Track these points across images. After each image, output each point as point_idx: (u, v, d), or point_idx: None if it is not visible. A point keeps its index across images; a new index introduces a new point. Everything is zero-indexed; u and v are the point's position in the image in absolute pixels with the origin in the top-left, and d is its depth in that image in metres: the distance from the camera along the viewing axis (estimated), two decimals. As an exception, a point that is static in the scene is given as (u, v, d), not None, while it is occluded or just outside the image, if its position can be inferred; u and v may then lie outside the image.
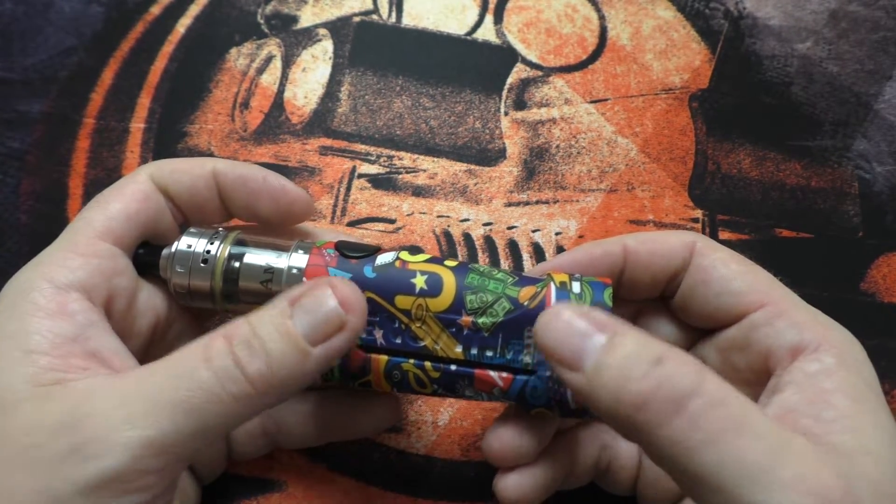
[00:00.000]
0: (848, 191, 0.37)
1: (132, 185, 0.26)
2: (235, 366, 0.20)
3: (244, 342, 0.21)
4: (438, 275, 0.24)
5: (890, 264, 0.35)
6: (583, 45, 0.39)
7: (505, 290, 0.24)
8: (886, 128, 0.38)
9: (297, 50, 0.38)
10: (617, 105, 0.38)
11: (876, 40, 0.40)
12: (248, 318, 0.21)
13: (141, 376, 0.21)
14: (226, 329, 0.21)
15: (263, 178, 0.27)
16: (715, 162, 0.37)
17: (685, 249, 0.26)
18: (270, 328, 0.21)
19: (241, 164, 0.28)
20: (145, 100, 0.37)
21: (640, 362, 0.19)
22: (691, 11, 0.40)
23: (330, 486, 0.30)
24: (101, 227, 0.25)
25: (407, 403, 0.32)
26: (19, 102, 0.36)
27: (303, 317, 0.21)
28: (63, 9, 0.38)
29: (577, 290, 0.24)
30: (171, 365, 0.21)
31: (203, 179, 0.27)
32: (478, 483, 0.31)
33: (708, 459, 0.18)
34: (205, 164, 0.27)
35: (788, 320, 0.24)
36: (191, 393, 0.20)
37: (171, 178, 0.27)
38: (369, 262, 0.25)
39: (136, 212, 0.26)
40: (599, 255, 0.27)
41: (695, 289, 0.26)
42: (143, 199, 0.26)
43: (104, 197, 0.26)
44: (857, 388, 0.22)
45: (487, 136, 0.37)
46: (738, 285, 0.25)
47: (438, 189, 0.36)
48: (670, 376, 0.19)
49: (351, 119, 0.37)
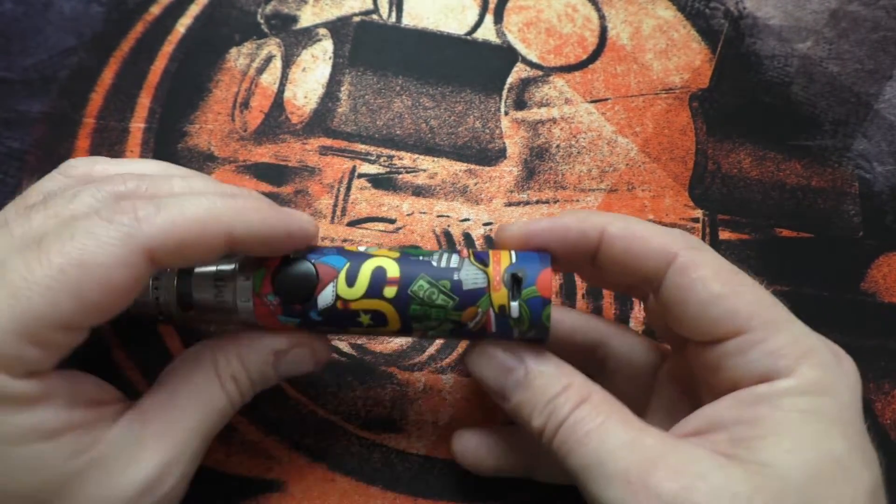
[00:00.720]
0: (848, 191, 0.37)
1: (122, 270, 0.21)
2: (241, 400, 0.26)
3: (246, 385, 0.26)
4: (381, 311, 0.25)
5: (890, 264, 0.35)
6: (583, 45, 0.39)
7: (447, 316, 0.25)
8: (887, 127, 0.38)
9: (297, 50, 0.38)
10: (617, 105, 0.38)
11: (876, 40, 0.40)
12: (242, 362, 0.26)
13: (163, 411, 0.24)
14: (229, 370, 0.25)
15: (288, 236, 0.24)
16: (715, 162, 0.37)
17: (663, 260, 0.24)
18: (258, 375, 0.26)
19: (260, 223, 0.24)
20: (145, 100, 0.37)
21: (540, 402, 0.24)
22: (691, 11, 0.40)
23: (330, 486, 0.30)
24: (66, 319, 0.21)
25: (407, 403, 0.32)
26: (19, 102, 0.36)
27: (283, 368, 0.27)
28: (63, 9, 0.38)
29: (516, 313, 0.24)
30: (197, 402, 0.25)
31: (214, 253, 0.23)
32: (478, 483, 0.31)
33: (571, 464, 0.23)
34: (217, 233, 0.23)
35: (763, 350, 0.23)
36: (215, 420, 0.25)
37: (177, 256, 0.22)
38: (313, 308, 0.25)
39: (114, 306, 0.22)
40: (574, 237, 0.25)
41: (671, 306, 0.24)
42: (130, 289, 0.22)
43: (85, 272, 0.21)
44: (800, 410, 0.22)
45: (487, 136, 0.37)
46: (714, 312, 0.23)
47: (438, 189, 0.36)
48: (554, 410, 0.24)
49: (351, 119, 0.37)
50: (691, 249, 0.24)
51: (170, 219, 0.22)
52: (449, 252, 0.25)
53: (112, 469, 0.22)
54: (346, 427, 0.32)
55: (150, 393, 0.25)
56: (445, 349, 0.33)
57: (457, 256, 0.25)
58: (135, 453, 0.23)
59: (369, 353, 0.33)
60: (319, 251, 0.25)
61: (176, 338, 0.32)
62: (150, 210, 0.22)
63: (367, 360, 0.33)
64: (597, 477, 0.22)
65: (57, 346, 0.22)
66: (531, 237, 0.26)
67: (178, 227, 0.22)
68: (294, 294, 0.25)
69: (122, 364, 0.32)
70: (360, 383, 0.32)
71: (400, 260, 0.25)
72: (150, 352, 0.32)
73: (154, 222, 0.22)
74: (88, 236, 0.21)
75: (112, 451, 0.23)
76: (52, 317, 0.21)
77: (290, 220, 0.24)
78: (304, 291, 0.25)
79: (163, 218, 0.22)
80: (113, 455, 0.23)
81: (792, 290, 0.35)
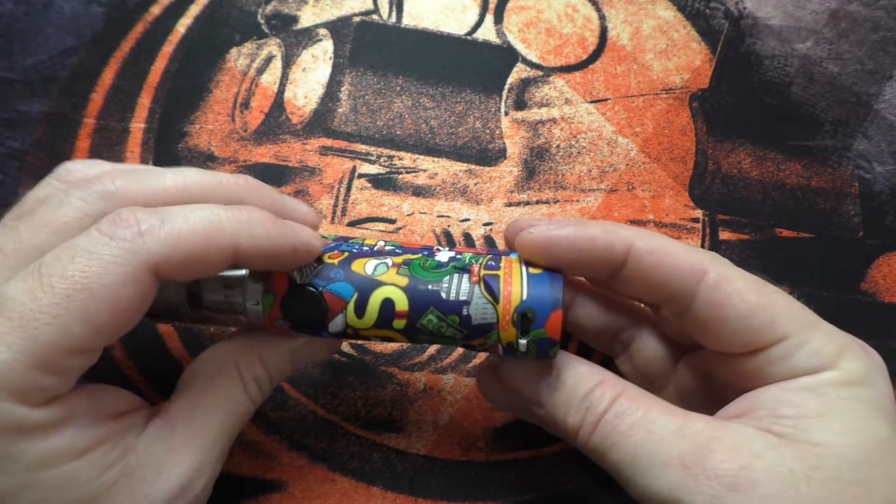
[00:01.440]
0: (848, 191, 0.37)
1: (128, 288, 0.21)
2: (262, 398, 0.27)
3: (267, 384, 0.27)
4: (390, 337, 0.25)
5: (890, 264, 0.35)
6: (583, 45, 0.39)
7: (455, 342, 0.25)
8: (886, 128, 0.38)
9: (297, 50, 0.38)
10: (617, 105, 0.38)
11: (876, 40, 0.40)
12: (263, 363, 0.26)
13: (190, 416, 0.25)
14: (252, 371, 0.26)
15: (293, 251, 0.24)
16: (715, 162, 0.37)
17: (693, 276, 0.24)
18: (277, 372, 0.27)
19: (265, 238, 0.23)
20: (145, 100, 0.37)
21: (574, 399, 0.24)
22: (691, 11, 0.40)
23: (330, 486, 0.31)
24: (79, 345, 0.21)
25: (407, 403, 0.32)
26: (19, 102, 0.36)
27: (299, 359, 0.27)
28: (63, 9, 0.38)
29: (524, 349, 0.24)
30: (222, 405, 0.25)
31: (220, 267, 0.23)
32: (478, 483, 0.31)
33: (615, 459, 0.23)
34: (224, 247, 0.22)
35: (806, 352, 0.23)
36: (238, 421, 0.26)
37: (182, 270, 0.22)
38: (324, 330, 0.25)
39: (121, 323, 0.21)
40: (600, 249, 0.25)
41: (708, 323, 0.24)
42: (138, 308, 0.21)
43: (91, 295, 0.20)
44: (840, 396, 0.22)
45: (487, 136, 0.37)
46: (756, 323, 0.24)
47: (439, 189, 0.36)
48: (591, 406, 0.24)
49: (351, 119, 0.37)
50: (719, 265, 0.24)
51: (174, 232, 0.21)
52: (459, 274, 0.24)
53: (145, 478, 0.23)
54: (346, 427, 0.32)
55: (174, 398, 0.25)
56: (446, 349, 0.33)
57: (467, 282, 0.24)
58: (166, 460, 0.23)
59: (369, 353, 0.33)
60: (326, 275, 0.25)
61: (176, 338, 0.32)
62: (153, 222, 0.21)
63: (367, 360, 0.33)
64: (649, 466, 0.22)
65: (71, 370, 0.21)
66: (553, 245, 0.25)
67: (182, 241, 0.21)
68: (304, 322, 0.25)
69: (122, 364, 0.32)
70: (360, 383, 0.32)
71: (408, 289, 0.24)
72: (150, 352, 0.32)
73: (158, 236, 0.21)
74: (90, 257, 0.20)
75: (143, 461, 0.23)
76: (63, 344, 0.20)
77: (294, 236, 0.24)
78: (314, 320, 0.25)
79: (167, 231, 0.21)
80: (144, 464, 0.23)
81: (792, 290, 0.35)
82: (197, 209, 0.22)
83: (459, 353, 0.33)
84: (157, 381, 0.32)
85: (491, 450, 0.31)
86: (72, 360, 0.21)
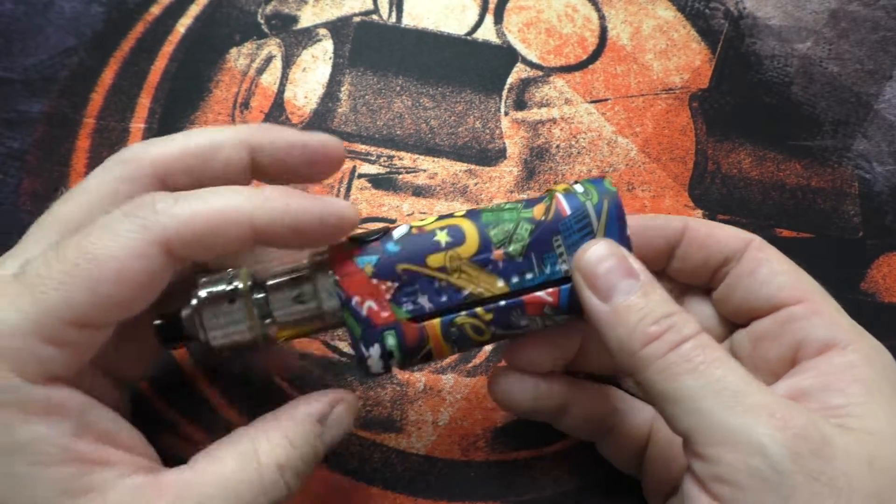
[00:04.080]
0: (848, 191, 0.37)
1: (137, 262, 0.21)
2: (286, 489, 0.23)
3: (293, 471, 0.23)
4: (457, 225, 0.25)
5: (890, 264, 0.35)
6: (583, 45, 0.39)
7: (520, 215, 0.25)
8: (886, 128, 0.38)
9: (297, 50, 0.38)
10: (617, 105, 0.38)
11: (876, 40, 0.40)
12: (290, 442, 0.23)
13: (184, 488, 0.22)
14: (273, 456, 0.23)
15: (320, 222, 0.23)
16: (715, 162, 0.37)
17: (742, 243, 0.27)
18: (310, 451, 0.24)
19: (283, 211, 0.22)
20: (145, 100, 0.37)
21: (657, 312, 0.23)
22: (691, 11, 0.40)
23: (330, 486, 0.31)
24: (81, 315, 0.20)
25: (407, 403, 0.32)
26: (19, 102, 0.36)
27: (328, 435, 0.25)
28: (63, 9, 0.38)
29: (581, 189, 0.25)
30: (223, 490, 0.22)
31: (239, 242, 0.22)
32: (478, 483, 0.31)
33: (689, 384, 0.22)
34: (239, 222, 0.22)
35: (824, 319, 0.25)
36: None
37: (197, 247, 0.22)
38: (388, 240, 0.25)
39: (130, 301, 0.21)
40: (659, 224, 0.28)
41: (740, 279, 0.27)
42: (146, 284, 0.21)
43: (98, 265, 0.20)
44: (876, 382, 0.23)
45: (487, 136, 0.37)
46: (782, 280, 0.26)
47: (439, 189, 0.36)
48: (675, 325, 0.23)
49: (351, 119, 0.37)
50: (763, 241, 0.27)
51: (188, 209, 0.21)
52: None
53: None
54: (347, 427, 0.32)
55: (177, 468, 0.22)
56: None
57: None
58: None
59: (369, 353, 0.33)
60: None
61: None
62: (168, 202, 0.21)
63: (367, 360, 0.33)
64: (732, 403, 0.21)
65: (74, 345, 0.21)
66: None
67: (196, 217, 0.21)
68: (368, 235, 0.25)
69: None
70: (360, 383, 0.32)
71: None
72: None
73: (171, 213, 0.21)
74: (104, 231, 0.21)
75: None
76: (67, 312, 0.20)
77: (321, 207, 0.23)
78: (378, 231, 0.25)
79: (180, 208, 0.21)
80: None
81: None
82: (213, 191, 0.22)
83: (459, 353, 0.33)
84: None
85: (491, 450, 0.31)
86: (74, 333, 0.21)
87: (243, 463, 0.22)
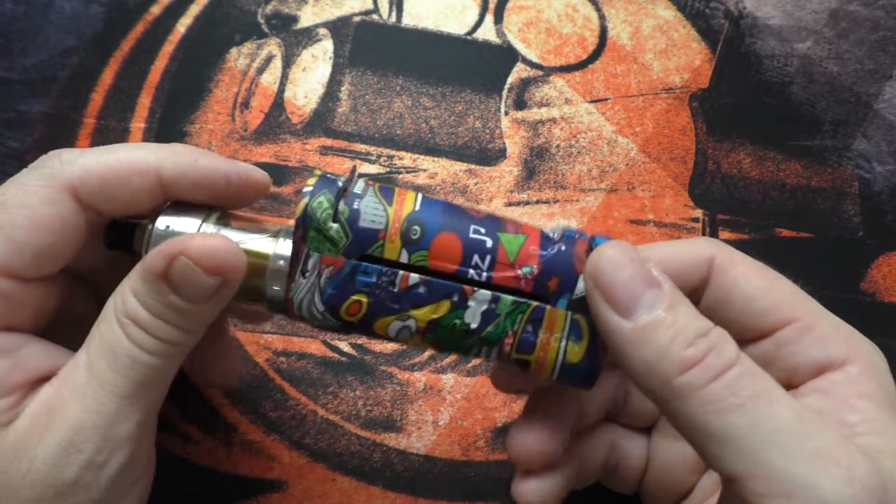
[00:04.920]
0: (848, 190, 0.37)
1: (47, 208, 0.22)
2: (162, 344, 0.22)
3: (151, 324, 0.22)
4: None
5: (890, 264, 0.35)
6: (583, 45, 0.39)
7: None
8: (886, 127, 0.38)
9: (297, 50, 0.38)
10: (617, 105, 0.38)
11: (876, 40, 0.40)
12: (136, 296, 0.22)
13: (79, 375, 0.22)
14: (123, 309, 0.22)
15: (227, 181, 0.24)
16: (715, 161, 0.37)
17: (702, 266, 0.24)
18: (160, 308, 0.22)
19: (191, 166, 0.23)
20: (145, 100, 0.37)
21: (691, 330, 0.20)
22: (691, 11, 0.40)
23: (330, 486, 0.31)
24: (1, 263, 0.21)
25: (407, 403, 0.32)
26: (20, 102, 0.36)
27: (182, 291, 0.22)
28: (63, 9, 0.38)
29: None
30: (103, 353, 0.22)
31: (146, 193, 0.23)
32: (478, 483, 0.31)
33: (738, 422, 0.19)
34: (146, 171, 0.23)
35: (814, 337, 0.23)
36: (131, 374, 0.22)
37: (103, 194, 0.22)
38: None
39: (48, 247, 0.22)
40: None
41: (716, 307, 0.24)
42: (59, 229, 0.22)
43: (8, 214, 0.21)
44: (880, 395, 0.22)
45: (487, 136, 0.37)
46: (762, 305, 0.24)
47: (439, 189, 0.36)
48: (716, 346, 0.20)
49: (351, 119, 0.37)
50: (720, 248, 0.24)
51: (94, 158, 0.23)
52: (489, 347, 0.23)
53: (28, 440, 0.21)
54: (346, 427, 0.32)
55: (77, 353, 0.22)
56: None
57: (496, 356, 0.23)
58: (48, 421, 0.21)
59: (369, 352, 0.33)
60: None
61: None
62: (74, 154, 0.23)
63: (367, 359, 0.33)
64: (790, 450, 0.19)
65: (2, 296, 0.21)
66: None
67: (101, 165, 0.22)
68: None
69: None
70: (360, 383, 0.32)
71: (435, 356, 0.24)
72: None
73: (77, 162, 0.22)
74: (12, 183, 0.22)
75: (28, 422, 0.21)
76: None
77: (230, 168, 0.24)
78: None
79: (87, 158, 0.23)
80: (29, 426, 0.21)
81: (792, 289, 0.35)
82: (126, 144, 0.24)
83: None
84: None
85: (491, 450, 0.31)
86: None
87: (110, 321, 0.22)
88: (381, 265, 0.22)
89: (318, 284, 0.22)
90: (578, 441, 0.27)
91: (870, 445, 0.20)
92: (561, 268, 0.23)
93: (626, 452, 0.28)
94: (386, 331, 0.23)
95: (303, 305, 0.23)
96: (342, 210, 0.22)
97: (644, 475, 0.28)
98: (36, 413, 0.21)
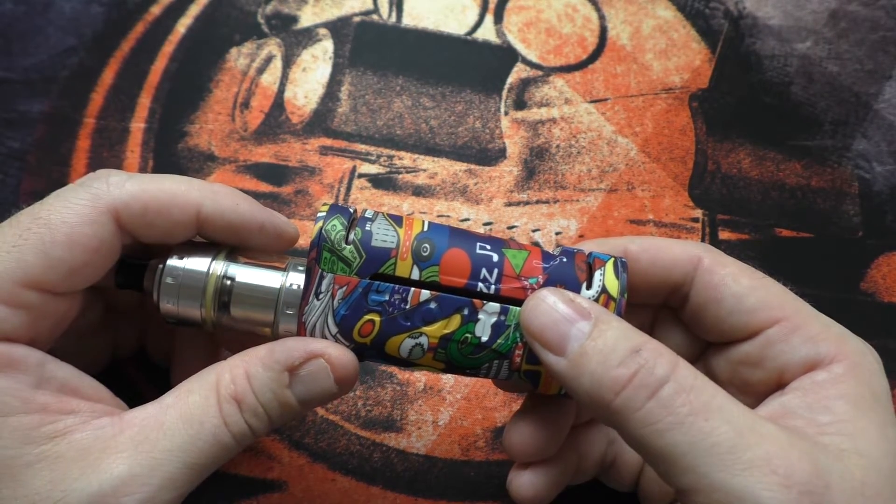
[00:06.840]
0: (848, 191, 0.37)
1: (88, 227, 0.22)
2: (250, 431, 0.22)
3: (252, 410, 0.22)
4: None
5: (890, 264, 0.35)
6: (583, 45, 0.39)
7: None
8: (886, 127, 0.38)
9: (297, 50, 0.38)
10: (617, 105, 0.38)
11: (876, 40, 0.40)
12: (249, 380, 0.22)
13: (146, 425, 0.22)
14: (231, 389, 0.22)
15: (260, 229, 0.24)
16: (715, 162, 0.37)
17: (689, 264, 0.25)
18: (271, 397, 0.23)
19: (231, 209, 0.24)
20: (145, 100, 0.37)
21: (619, 351, 0.21)
22: (691, 11, 0.40)
23: (330, 486, 0.31)
24: (34, 277, 0.21)
25: (407, 403, 0.32)
26: (20, 102, 0.36)
27: (300, 388, 0.23)
28: (63, 9, 0.38)
29: None
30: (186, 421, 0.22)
31: (182, 226, 0.23)
32: (478, 483, 0.31)
33: (678, 440, 0.20)
34: (186, 205, 0.23)
35: (803, 336, 0.23)
36: (206, 449, 0.22)
37: (143, 221, 0.23)
38: None
39: (82, 265, 0.22)
40: (605, 250, 0.26)
41: (705, 306, 0.25)
42: (96, 249, 0.22)
43: (49, 229, 0.21)
44: (862, 396, 0.22)
45: (487, 136, 0.37)
46: (750, 302, 0.24)
47: (438, 189, 0.36)
48: (646, 364, 0.21)
49: (351, 119, 0.37)
50: (711, 252, 0.25)
51: (140, 185, 0.23)
52: (500, 361, 0.24)
53: (69, 471, 0.20)
54: (346, 427, 0.32)
55: (142, 406, 0.23)
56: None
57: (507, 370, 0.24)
58: (98, 460, 0.21)
59: (369, 352, 0.33)
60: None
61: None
62: (122, 177, 0.23)
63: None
64: (727, 462, 0.19)
65: (31, 308, 0.21)
66: None
67: (146, 193, 0.23)
68: None
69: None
70: (360, 383, 0.32)
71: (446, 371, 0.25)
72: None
73: (122, 186, 0.23)
74: (57, 199, 0.22)
75: (71, 452, 0.21)
76: (19, 274, 0.21)
77: (265, 217, 0.25)
78: None
79: (133, 184, 0.23)
80: (71, 456, 0.21)
81: (792, 290, 0.35)
82: (171, 176, 0.24)
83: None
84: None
85: (491, 450, 0.31)
86: (30, 296, 0.21)
87: (206, 394, 0.22)
88: (393, 283, 0.23)
89: (332, 306, 0.23)
90: (576, 436, 0.27)
91: (833, 444, 0.21)
92: (564, 277, 0.24)
93: (624, 448, 0.28)
94: (398, 350, 0.23)
95: (316, 328, 0.23)
96: (355, 232, 0.23)
97: (641, 472, 0.28)
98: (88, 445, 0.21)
